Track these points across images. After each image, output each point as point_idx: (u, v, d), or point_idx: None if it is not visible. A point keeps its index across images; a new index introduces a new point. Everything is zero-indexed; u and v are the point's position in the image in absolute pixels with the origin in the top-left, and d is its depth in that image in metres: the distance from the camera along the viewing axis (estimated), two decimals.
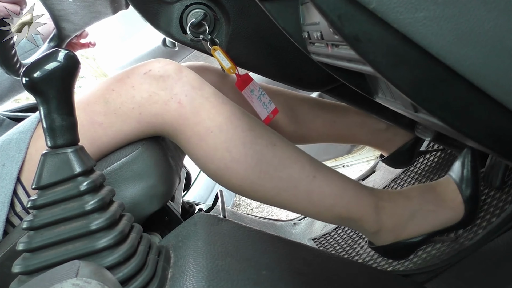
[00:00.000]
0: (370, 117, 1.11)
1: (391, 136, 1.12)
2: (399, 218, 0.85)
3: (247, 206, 3.19)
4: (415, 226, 0.86)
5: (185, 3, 0.88)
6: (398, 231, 0.86)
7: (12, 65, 0.86)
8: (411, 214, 0.85)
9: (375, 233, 0.86)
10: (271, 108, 0.96)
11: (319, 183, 0.80)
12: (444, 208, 0.86)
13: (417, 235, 0.87)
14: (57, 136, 0.56)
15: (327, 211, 0.82)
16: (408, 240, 0.87)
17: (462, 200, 0.85)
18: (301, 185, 0.79)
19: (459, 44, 0.34)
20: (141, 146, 0.78)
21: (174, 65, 0.78)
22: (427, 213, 0.85)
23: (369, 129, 1.11)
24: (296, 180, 0.79)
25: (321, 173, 0.81)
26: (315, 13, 0.57)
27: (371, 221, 0.84)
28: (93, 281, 0.43)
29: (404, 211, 0.85)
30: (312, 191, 0.80)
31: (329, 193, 0.81)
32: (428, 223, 0.86)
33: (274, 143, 0.80)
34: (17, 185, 0.73)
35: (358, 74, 0.67)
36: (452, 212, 0.85)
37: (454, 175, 0.88)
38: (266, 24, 0.89)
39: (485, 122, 0.39)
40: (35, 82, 0.54)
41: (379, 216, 0.84)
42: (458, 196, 0.85)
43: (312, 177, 0.80)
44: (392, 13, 0.34)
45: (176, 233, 0.70)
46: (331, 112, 1.11)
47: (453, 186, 0.86)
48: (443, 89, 0.37)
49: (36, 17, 0.79)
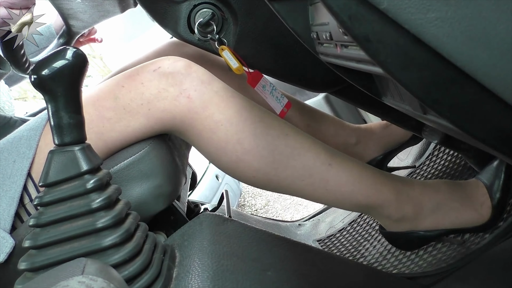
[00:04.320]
0: (344, 129, 1.12)
1: (360, 151, 1.12)
2: (423, 208, 0.84)
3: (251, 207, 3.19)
4: (435, 220, 0.85)
5: (193, 2, 0.88)
6: (417, 221, 0.85)
7: (22, 63, 0.86)
8: (434, 207, 0.84)
9: (395, 221, 0.85)
10: (284, 102, 0.96)
11: (335, 170, 0.80)
12: (470, 209, 0.84)
13: (433, 229, 0.85)
14: (65, 134, 0.56)
15: (345, 198, 0.82)
16: (421, 232, 0.86)
17: (491, 205, 0.84)
18: (317, 174, 0.79)
19: (470, 45, 0.34)
20: (148, 145, 0.78)
21: (183, 62, 0.78)
22: (450, 209, 0.84)
23: (341, 141, 1.12)
24: (311, 168, 0.79)
25: (336, 161, 0.80)
26: (324, 13, 0.57)
27: (393, 208, 0.83)
28: (99, 279, 0.43)
29: (429, 202, 0.84)
30: (328, 179, 0.79)
31: (346, 180, 0.80)
32: (448, 220, 0.85)
33: (286, 132, 0.79)
34: (27, 179, 0.74)
35: (367, 75, 0.66)
36: (476, 214, 0.84)
37: (485, 179, 0.86)
38: (274, 24, 0.89)
39: (495, 124, 0.39)
40: (43, 80, 0.54)
41: (401, 203, 0.83)
42: (488, 201, 0.84)
43: (327, 164, 0.79)
44: (403, 13, 0.34)
45: (182, 233, 0.70)
46: (307, 115, 1.12)
47: (483, 190, 0.85)
48: (454, 91, 0.37)
49: (36, 17, 0.79)
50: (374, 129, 1.14)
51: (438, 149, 1.22)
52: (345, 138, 1.12)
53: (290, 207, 2.88)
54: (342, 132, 1.12)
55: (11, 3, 0.76)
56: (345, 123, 1.16)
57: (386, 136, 1.13)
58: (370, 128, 1.15)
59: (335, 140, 1.12)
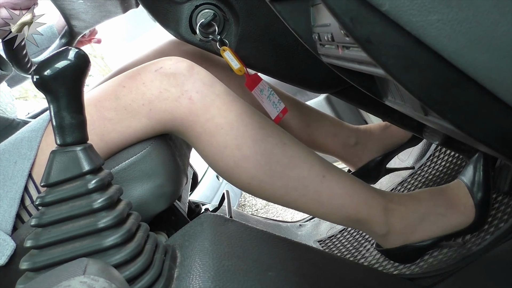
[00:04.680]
0: (343, 130, 1.12)
1: (359, 152, 1.13)
2: (409, 221, 0.84)
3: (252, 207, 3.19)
4: (425, 230, 0.85)
5: (194, 3, 0.88)
6: (407, 234, 0.85)
7: (24, 64, 0.86)
8: (420, 218, 0.85)
9: (383, 236, 0.86)
10: (280, 108, 0.96)
11: (328, 183, 0.80)
12: (455, 212, 0.85)
13: (426, 239, 0.86)
14: (66, 134, 0.56)
15: (335, 211, 0.82)
16: (416, 244, 0.86)
17: (473, 204, 0.84)
18: (311, 185, 0.79)
19: (471, 47, 0.34)
20: (149, 145, 0.79)
21: (186, 63, 0.78)
22: (437, 216, 0.85)
23: (340, 142, 1.12)
24: (305, 179, 0.79)
25: (330, 174, 0.81)
26: (326, 14, 0.57)
27: (380, 223, 0.83)
28: (101, 279, 0.43)
29: (414, 214, 0.85)
30: (321, 191, 0.80)
31: (338, 193, 0.80)
32: (438, 227, 0.85)
33: (284, 142, 0.80)
34: (28, 180, 0.74)
35: (368, 76, 0.66)
36: (462, 216, 0.85)
37: (466, 179, 0.87)
38: (275, 25, 0.89)
39: (496, 125, 0.39)
40: (45, 80, 0.54)
41: (388, 218, 0.83)
42: (470, 200, 0.85)
43: (321, 177, 0.80)
44: (405, 15, 0.34)
45: (183, 233, 0.70)
46: (307, 115, 1.12)
47: (464, 190, 0.86)
48: (455, 92, 0.37)
49: (37, 17, 0.79)
50: (373, 130, 1.14)
51: (439, 150, 1.22)
52: (344, 139, 1.12)
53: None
54: (341, 132, 1.12)
55: (13, 3, 0.76)
56: (344, 123, 1.16)
57: (385, 137, 1.13)
58: (369, 129, 1.15)
59: (334, 141, 1.12)
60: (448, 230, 0.85)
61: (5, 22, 0.77)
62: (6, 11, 0.76)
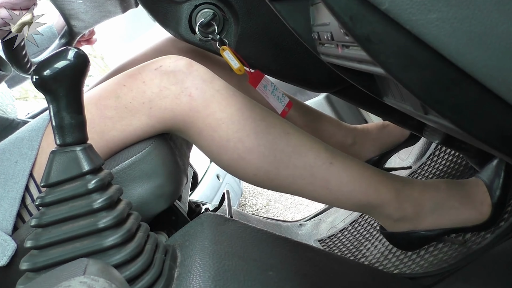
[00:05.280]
0: (340, 130, 1.13)
1: (356, 152, 1.13)
2: (422, 207, 0.84)
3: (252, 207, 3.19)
4: (435, 219, 0.85)
5: (194, 3, 0.88)
6: (417, 221, 0.85)
7: (23, 64, 0.86)
8: (434, 206, 0.84)
9: (395, 221, 0.85)
10: (285, 102, 0.96)
11: (336, 169, 0.80)
12: (470, 207, 0.84)
13: (434, 228, 0.85)
14: (66, 134, 0.56)
15: (345, 198, 0.82)
16: (422, 232, 0.86)
17: (491, 203, 0.84)
18: (318, 172, 0.79)
19: (472, 46, 0.34)
20: (149, 145, 0.79)
21: (185, 60, 0.79)
22: (450, 208, 0.84)
23: (337, 141, 1.12)
24: (312, 167, 0.79)
25: (337, 160, 0.80)
26: (326, 13, 0.57)
27: (392, 208, 0.83)
28: (101, 279, 0.43)
29: (429, 201, 0.84)
30: (329, 178, 0.80)
31: (347, 179, 0.80)
32: (449, 219, 0.85)
33: (287, 131, 0.80)
34: (28, 180, 0.74)
35: (368, 75, 0.66)
36: (476, 213, 0.84)
37: (485, 178, 0.86)
38: (275, 25, 0.89)
39: (496, 124, 0.39)
40: (44, 80, 0.54)
41: (401, 203, 0.83)
42: (487, 199, 0.84)
43: (328, 163, 0.80)
44: (405, 14, 0.34)
45: (183, 233, 0.70)
46: (305, 115, 1.12)
47: (483, 188, 0.85)
48: (455, 91, 0.37)
49: (36, 17, 0.79)
50: (370, 129, 1.15)
51: (439, 149, 1.22)
52: (341, 138, 1.12)
53: (291, 207, 2.88)
54: (339, 132, 1.13)
55: (12, 4, 0.76)
56: (342, 123, 1.16)
57: (382, 136, 1.13)
58: (367, 129, 1.15)
59: (332, 140, 1.12)
60: (457, 223, 0.85)
61: (5, 22, 0.77)
62: (5, 11, 0.76)
